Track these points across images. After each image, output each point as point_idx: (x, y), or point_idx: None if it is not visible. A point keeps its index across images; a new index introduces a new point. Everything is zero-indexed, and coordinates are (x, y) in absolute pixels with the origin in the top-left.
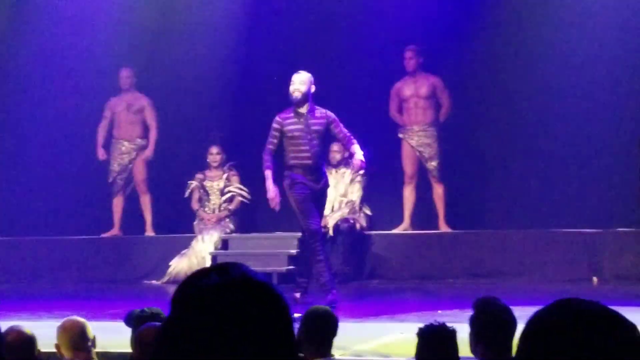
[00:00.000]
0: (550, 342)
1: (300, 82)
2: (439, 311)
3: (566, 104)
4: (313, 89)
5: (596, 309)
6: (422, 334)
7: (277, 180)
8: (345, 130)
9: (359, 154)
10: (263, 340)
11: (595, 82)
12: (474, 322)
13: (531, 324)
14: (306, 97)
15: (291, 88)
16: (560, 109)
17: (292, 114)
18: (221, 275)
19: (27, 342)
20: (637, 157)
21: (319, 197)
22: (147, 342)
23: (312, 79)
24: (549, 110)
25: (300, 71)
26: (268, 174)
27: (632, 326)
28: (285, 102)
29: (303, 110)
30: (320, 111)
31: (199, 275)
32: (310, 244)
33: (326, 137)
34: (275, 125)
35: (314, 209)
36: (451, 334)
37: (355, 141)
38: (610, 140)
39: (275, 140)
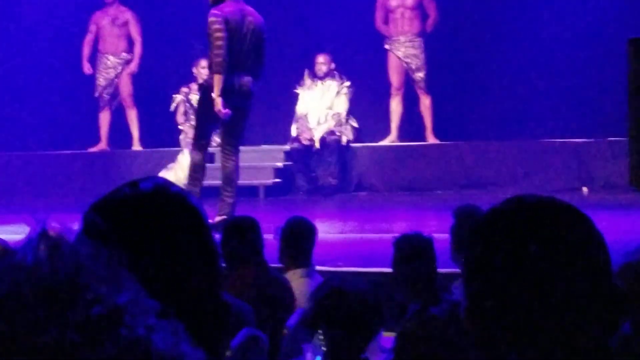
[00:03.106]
0: (503, 232)
1: None
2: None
3: (556, 8)
4: None
5: (549, 201)
6: (398, 243)
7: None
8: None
9: (217, 88)
10: (180, 249)
11: None
12: (454, 231)
13: (484, 217)
14: None
15: None
16: (549, 13)
17: None
18: (132, 188)
19: None
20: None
21: None
22: None
23: None
24: (538, 18)
25: None
26: None
27: (585, 217)
28: None
29: None
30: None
31: (113, 191)
32: None
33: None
34: None
35: None
36: (427, 242)
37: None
38: (599, 47)
39: None
